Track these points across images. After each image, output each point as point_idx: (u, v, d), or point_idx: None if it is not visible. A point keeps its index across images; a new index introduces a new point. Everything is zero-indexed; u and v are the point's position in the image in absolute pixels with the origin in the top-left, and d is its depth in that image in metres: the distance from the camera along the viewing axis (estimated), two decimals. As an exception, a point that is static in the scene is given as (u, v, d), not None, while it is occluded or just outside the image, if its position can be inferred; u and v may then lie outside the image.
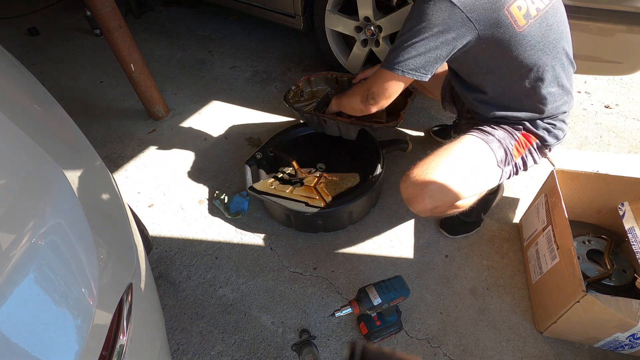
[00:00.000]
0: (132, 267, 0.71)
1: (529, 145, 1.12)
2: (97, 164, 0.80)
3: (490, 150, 1.07)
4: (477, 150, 1.07)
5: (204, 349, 1.19)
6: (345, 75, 1.64)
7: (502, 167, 1.10)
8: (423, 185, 1.03)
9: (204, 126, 2.00)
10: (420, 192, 1.04)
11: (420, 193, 1.04)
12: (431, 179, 1.03)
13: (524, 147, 1.12)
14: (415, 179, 1.05)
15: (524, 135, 1.11)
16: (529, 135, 1.11)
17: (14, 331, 0.46)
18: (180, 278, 1.37)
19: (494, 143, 1.08)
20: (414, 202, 1.06)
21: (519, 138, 1.11)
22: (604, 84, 2.00)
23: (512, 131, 1.11)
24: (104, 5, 1.58)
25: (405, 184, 1.08)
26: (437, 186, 1.03)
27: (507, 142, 1.10)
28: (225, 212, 1.55)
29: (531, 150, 1.13)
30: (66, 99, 2.27)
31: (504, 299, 1.23)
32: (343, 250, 1.40)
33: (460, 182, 1.05)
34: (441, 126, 1.78)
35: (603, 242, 1.24)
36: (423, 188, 1.03)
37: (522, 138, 1.11)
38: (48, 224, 0.54)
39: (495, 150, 1.08)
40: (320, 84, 1.71)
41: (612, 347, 1.06)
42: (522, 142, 1.11)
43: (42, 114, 0.75)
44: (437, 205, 1.06)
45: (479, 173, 1.08)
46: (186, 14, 3.06)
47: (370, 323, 1.12)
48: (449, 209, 1.11)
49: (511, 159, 1.11)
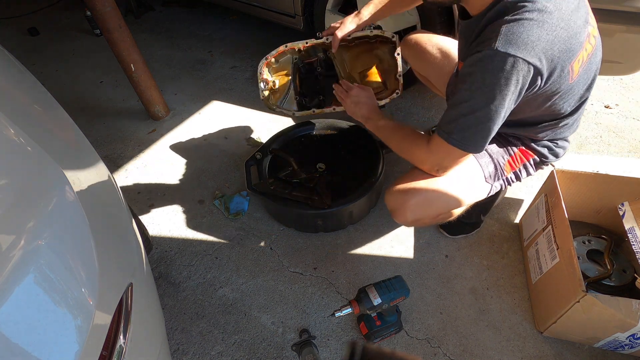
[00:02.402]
0: (132, 267, 0.71)
1: (525, 161, 1.08)
2: (97, 164, 0.80)
3: (479, 165, 1.04)
4: (464, 164, 1.01)
5: (204, 349, 1.19)
6: (307, 43, 1.37)
7: (491, 182, 1.07)
8: (405, 199, 1.03)
9: (204, 126, 2.00)
10: (402, 205, 1.04)
11: (402, 207, 1.04)
12: (413, 193, 1.03)
13: (519, 162, 1.08)
14: (398, 191, 1.05)
15: (521, 150, 1.07)
16: (526, 152, 1.07)
17: (14, 331, 0.46)
18: (180, 278, 1.37)
19: (484, 158, 1.05)
20: (396, 214, 1.07)
21: (514, 153, 1.07)
22: (603, 84, 2.00)
23: (509, 146, 1.07)
24: (104, 5, 1.58)
25: (388, 196, 1.09)
26: (419, 200, 1.02)
27: (500, 157, 1.06)
28: (225, 212, 1.55)
29: (527, 165, 1.09)
30: (66, 99, 2.27)
31: (504, 299, 1.23)
32: (343, 250, 1.40)
33: (442, 197, 1.03)
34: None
35: (603, 242, 1.24)
36: (405, 202, 1.03)
37: (519, 153, 1.07)
38: (48, 224, 0.54)
39: (484, 165, 1.05)
40: (281, 58, 1.49)
41: (612, 347, 1.06)
42: (518, 157, 1.08)
43: (42, 114, 0.75)
44: (418, 218, 1.06)
45: (463, 188, 1.05)
46: (186, 14, 3.06)
47: (370, 323, 1.12)
48: (432, 221, 1.11)
49: (502, 174, 1.07)
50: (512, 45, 0.74)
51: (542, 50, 0.75)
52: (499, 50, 0.74)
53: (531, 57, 0.74)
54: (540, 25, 0.74)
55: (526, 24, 0.74)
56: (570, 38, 0.77)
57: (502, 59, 0.75)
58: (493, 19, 0.79)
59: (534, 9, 0.74)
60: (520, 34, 0.74)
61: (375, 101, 1.22)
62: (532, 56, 0.74)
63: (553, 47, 0.76)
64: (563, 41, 0.76)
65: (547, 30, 0.74)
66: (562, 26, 0.75)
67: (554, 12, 0.75)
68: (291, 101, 1.53)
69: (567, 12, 0.76)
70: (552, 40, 0.75)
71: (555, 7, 0.75)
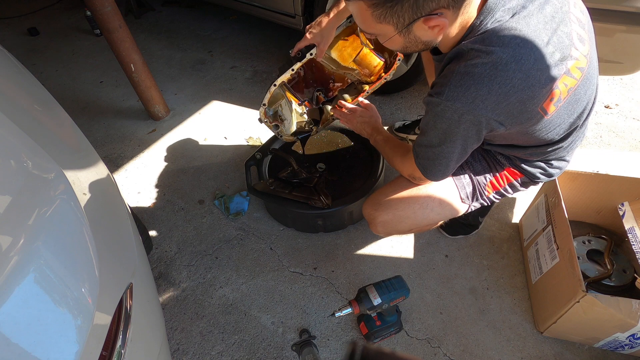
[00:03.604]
0: (132, 267, 0.71)
1: (512, 180, 1.03)
2: (97, 164, 0.80)
3: (455, 185, 1.02)
4: (441, 183, 0.99)
5: (204, 349, 1.19)
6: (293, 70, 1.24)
7: (468, 203, 1.04)
8: (375, 215, 1.06)
9: (204, 126, 2.00)
10: (374, 219, 1.07)
11: (373, 221, 1.08)
12: (384, 209, 1.04)
13: (504, 182, 1.03)
14: (371, 205, 1.08)
15: (508, 170, 1.02)
16: (514, 172, 1.02)
17: (14, 331, 0.46)
18: (180, 278, 1.37)
19: (464, 178, 1.02)
20: (370, 225, 1.11)
21: (499, 174, 1.02)
22: (604, 84, 2.00)
23: (495, 165, 1.02)
24: (104, 5, 1.58)
25: (363, 207, 1.12)
26: (388, 218, 1.04)
27: (482, 177, 1.02)
28: (225, 212, 1.55)
29: (514, 184, 1.03)
30: (66, 99, 2.27)
31: (504, 299, 1.23)
32: (343, 250, 1.40)
33: (412, 216, 1.03)
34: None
35: (603, 242, 1.24)
36: (376, 217, 1.06)
37: (505, 173, 1.02)
38: (48, 224, 0.54)
39: (462, 186, 1.02)
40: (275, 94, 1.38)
41: (612, 347, 1.06)
42: (503, 177, 1.03)
43: (42, 114, 0.75)
44: (390, 232, 1.10)
45: (435, 208, 1.03)
46: (186, 14, 3.06)
47: (370, 323, 1.12)
48: (406, 233, 1.14)
49: (481, 194, 1.04)
50: (458, 99, 0.72)
51: (492, 103, 0.72)
52: (446, 102, 0.74)
53: (478, 110, 0.73)
54: (492, 79, 0.70)
55: (477, 77, 0.70)
56: (532, 86, 0.72)
57: (449, 110, 0.74)
58: (452, 59, 0.78)
59: (487, 62, 0.69)
60: (468, 88, 0.71)
61: (378, 118, 1.22)
62: (479, 109, 0.72)
63: (508, 98, 0.72)
64: (521, 90, 0.71)
65: (500, 83, 0.70)
66: (520, 77, 0.70)
67: (510, 64, 0.69)
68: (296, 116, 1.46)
69: (529, 58, 0.70)
70: (506, 92, 0.71)
71: (512, 56, 0.69)
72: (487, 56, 0.70)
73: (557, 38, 0.73)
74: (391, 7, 0.67)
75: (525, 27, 0.70)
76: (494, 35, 0.71)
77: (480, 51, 0.71)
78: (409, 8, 0.67)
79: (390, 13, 0.68)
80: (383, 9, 0.68)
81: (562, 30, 0.74)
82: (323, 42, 1.14)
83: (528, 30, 0.70)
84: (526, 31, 0.70)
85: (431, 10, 0.67)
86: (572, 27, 0.76)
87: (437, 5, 0.67)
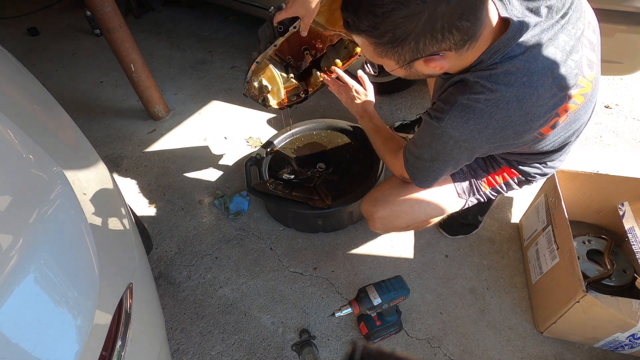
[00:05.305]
0: (132, 267, 0.71)
1: (508, 179, 1.04)
2: (97, 164, 0.80)
3: (452, 181, 1.04)
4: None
5: (204, 349, 1.19)
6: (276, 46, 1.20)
7: (465, 197, 1.06)
8: (373, 211, 1.07)
9: (204, 126, 2.00)
10: (372, 216, 1.08)
11: (371, 217, 1.09)
12: (381, 205, 1.06)
13: (500, 180, 1.05)
14: (369, 201, 1.09)
15: (504, 169, 1.03)
16: (510, 171, 1.03)
17: (14, 331, 0.46)
18: (180, 278, 1.37)
19: (459, 173, 1.04)
20: (368, 223, 1.12)
21: (495, 171, 1.04)
22: (604, 84, 2.00)
23: (492, 163, 1.04)
24: (104, 5, 1.58)
25: (362, 204, 1.13)
26: (385, 213, 1.06)
27: (477, 173, 1.04)
28: (225, 212, 1.55)
29: (509, 183, 1.05)
30: (66, 99, 2.27)
31: (504, 299, 1.23)
32: (343, 250, 1.40)
33: (409, 211, 1.05)
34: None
35: (603, 242, 1.24)
36: (374, 213, 1.07)
37: (501, 171, 1.04)
38: (48, 224, 0.54)
39: (458, 180, 1.04)
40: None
41: (612, 347, 1.06)
42: (499, 175, 1.04)
43: (42, 114, 0.75)
44: (388, 228, 1.11)
45: (432, 203, 1.04)
46: (186, 14, 3.06)
47: (370, 323, 1.12)
48: (404, 230, 1.14)
49: (478, 189, 1.05)
50: (457, 129, 0.75)
51: (488, 135, 0.75)
52: (445, 128, 0.76)
53: (474, 140, 0.76)
54: (492, 116, 0.72)
55: (477, 112, 0.72)
56: (531, 121, 0.74)
57: (446, 135, 0.77)
58: (456, 82, 0.78)
59: (490, 99, 0.71)
60: (467, 120, 0.73)
61: (372, 101, 1.18)
62: (475, 140, 0.76)
63: (504, 131, 0.75)
64: (519, 125, 0.74)
65: (498, 120, 0.73)
66: (520, 114, 0.72)
67: (512, 102, 0.71)
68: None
69: (532, 97, 0.71)
70: (503, 127, 0.74)
71: (515, 96, 0.70)
72: (490, 93, 0.71)
73: (565, 69, 0.72)
74: (392, 47, 0.68)
75: (533, 65, 0.70)
76: (501, 73, 0.71)
77: (485, 87, 0.71)
78: (409, 50, 0.68)
79: (391, 52, 0.69)
80: (384, 47, 0.69)
81: (572, 59, 0.73)
82: (307, 15, 1.04)
83: (536, 67, 0.70)
84: (534, 68, 0.70)
85: (432, 52, 0.68)
86: (583, 53, 0.76)
87: (437, 48, 0.67)
